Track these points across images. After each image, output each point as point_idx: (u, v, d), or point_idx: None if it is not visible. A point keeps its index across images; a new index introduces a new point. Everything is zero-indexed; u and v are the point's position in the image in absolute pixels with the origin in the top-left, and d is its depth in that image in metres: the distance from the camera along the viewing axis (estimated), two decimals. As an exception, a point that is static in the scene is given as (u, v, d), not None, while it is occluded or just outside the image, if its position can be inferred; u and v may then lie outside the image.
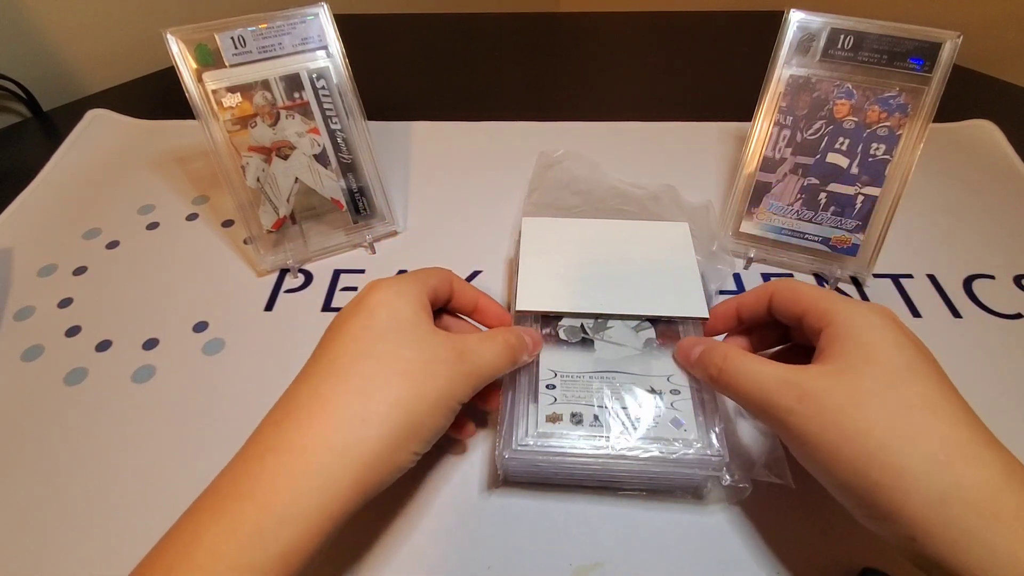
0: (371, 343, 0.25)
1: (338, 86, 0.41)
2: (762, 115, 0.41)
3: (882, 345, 0.23)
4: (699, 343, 0.30)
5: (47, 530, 0.30)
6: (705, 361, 0.28)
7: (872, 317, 0.25)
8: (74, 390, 0.36)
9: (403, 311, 0.27)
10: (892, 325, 0.24)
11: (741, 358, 0.26)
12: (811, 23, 0.39)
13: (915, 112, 0.38)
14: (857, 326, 0.24)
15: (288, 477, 0.21)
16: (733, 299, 0.31)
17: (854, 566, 0.28)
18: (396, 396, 0.24)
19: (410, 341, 0.26)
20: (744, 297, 0.31)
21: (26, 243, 0.46)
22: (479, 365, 0.27)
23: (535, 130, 0.56)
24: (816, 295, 0.27)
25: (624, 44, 0.75)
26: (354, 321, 0.26)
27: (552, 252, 0.37)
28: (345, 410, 0.23)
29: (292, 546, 0.21)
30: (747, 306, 0.31)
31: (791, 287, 0.28)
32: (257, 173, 0.40)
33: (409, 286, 0.28)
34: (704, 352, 0.29)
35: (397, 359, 0.25)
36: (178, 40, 0.37)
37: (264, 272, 0.43)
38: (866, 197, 0.40)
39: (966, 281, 0.41)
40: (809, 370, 0.24)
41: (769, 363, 0.26)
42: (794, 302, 0.28)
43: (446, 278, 0.31)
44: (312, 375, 0.25)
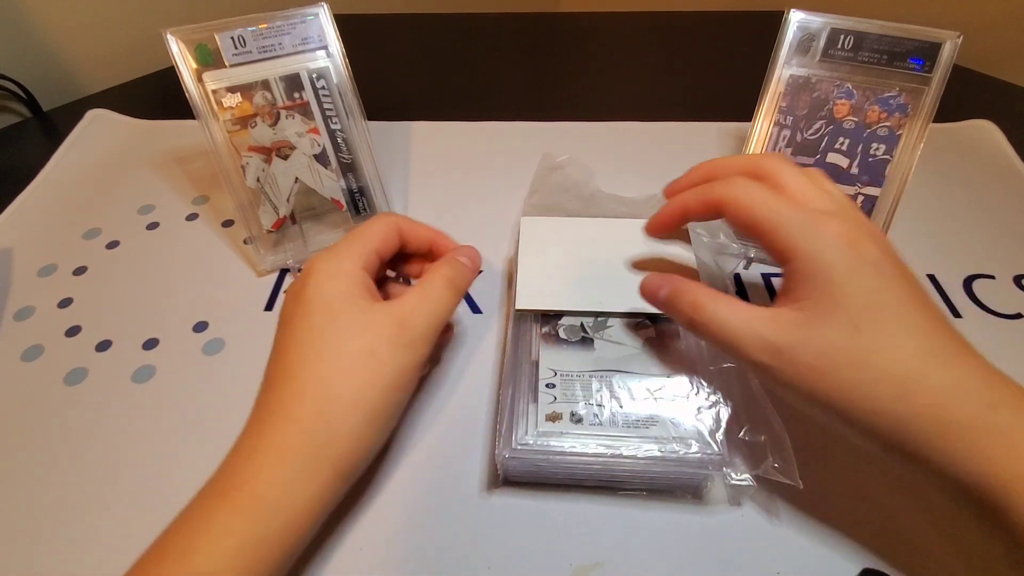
0: (314, 343, 0.26)
1: (338, 86, 0.41)
2: (762, 115, 0.41)
3: (842, 285, 0.24)
4: (664, 282, 0.28)
5: (47, 530, 0.30)
6: (675, 306, 0.28)
7: (829, 252, 0.24)
8: (74, 390, 0.36)
9: (337, 296, 0.27)
10: (846, 257, 0.24)
11: (712, 307, 0.26)
12: (811, 23, 0.39)
13: (915, 112, 0.38)
14: (819, 266, 0.24)
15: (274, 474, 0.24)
16: (679, 201, 0.29)
17: (854, 566, 0.28)
18: (352, 396, 0.25)
19: (350, 329, 0.26)
20: (688, 200, 0.28)
21: (26, 243, 0.46)
22: (425, 325, 0.28)
23: (535, 130, 0.56)
24: (772, 221, 0.25)
25: (624, 44, 0.75)
26: (296, 318, 0.27)
27: (551, 251, 0.37)
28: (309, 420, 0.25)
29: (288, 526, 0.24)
30: (694, 211, 0.28)
31: (744, 204, 0.26)
32: (257, 173, 0.40)
33: (341, 261, 0.28)
34: (671, 295, 0.28)
35: (342, 356, 0.26)
36: (178, 40, 0.37)
37: (264, 272, 0.43)
38: (866, 197, 0.40)
39: (966, 281, 0.41)
40: (779, 318, 0.25)
41: (740, 308, 0.26)
42: (750, 223, 0.26)
43: (391, 230, 0.30)
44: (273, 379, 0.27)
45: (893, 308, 0.24)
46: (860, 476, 0.31)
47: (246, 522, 0.23)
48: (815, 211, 0.25)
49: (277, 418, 0.25)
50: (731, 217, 0.27)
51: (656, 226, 0.30)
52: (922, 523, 0.29)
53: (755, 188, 0.26)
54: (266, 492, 0.24)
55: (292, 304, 0.28)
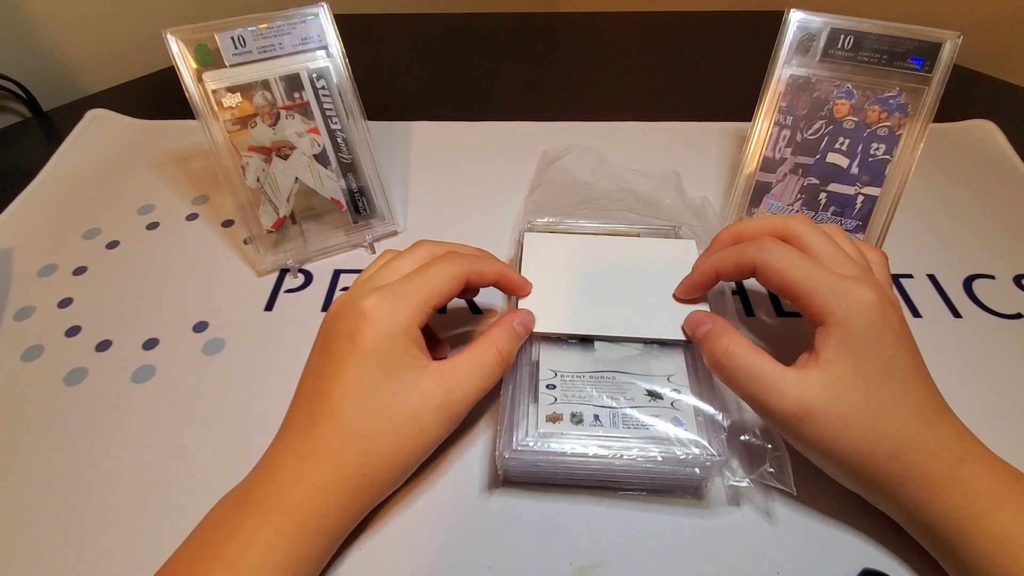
0: (367, 399, 0.27)
1: (338, 86, 0.41)
2: (762, 115, 0.41)
3: (867, 351, 0.26)
4: (706, 321, 0.30)
5: (47, 530, 0.30)
6: (708, 347, 0.29)
7: (860, 319, 0.26)
8: (74, 390, 0.36)
9: (394, 353, 0.28)
10: (875, 324, 0.26)
11: (743, 356, 0.27)
12: (811, 23, 0.39)
13: (915, 112, 0.38)
14: (848, 331, 0.26)
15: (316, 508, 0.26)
16: (710, 264, 0.31)
17: (854, 566, 0.28)
18: (392, 456, 0.27)
19: (400, 395, 0.27)
20: (721, 263, 0.31)
21: (26, 243, 0.46)
22: (470, 400, 0.29)
23: (535, 130, 0.56)
24: (808, 285, 0.27)
25: (624, 44, 0.75)
26: (350, 363, 0.27)
27: (554, 269, 0.35)
28: (352, 468, 0.27)
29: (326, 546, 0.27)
30: (727, 273, 0.31)
31: (777, 269, 0.28)
32: (257, 173, 0.40)
33: (401, 314, 0.28)
34: (708, 336, 0.29)
35: (391, 419, 0.27)
36: (178, 40, 0.37)
37: (264, 272, 0.43)
38: (866, 197, 0.40)
39: (966, 281, 0.41)
40: (809, 380, 0.26)
41: (769, 363, 0.27)
42: (784, 288, 0.28)
43: (457, 283, 0.30)
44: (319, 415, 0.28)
45: (901, 375, 0.26)
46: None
47: (290, 542, 0.25)
48: (846, 277, 0.27)
49: (323, 459, 0.27)
50: (765, 280, 0.29)
51: (689, 289, 0.33)
52: (922, 523, 0.29)
53: (787, 252, 0.28)
54: (308, 520, 0.26)
55: (345, 343, 0.28)
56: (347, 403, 0.27)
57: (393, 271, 0.30)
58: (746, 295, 0.41)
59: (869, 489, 0.28)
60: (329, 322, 0.30)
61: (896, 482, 0.26)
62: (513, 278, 0.33)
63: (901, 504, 0.27)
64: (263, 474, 0.27)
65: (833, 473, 0.28)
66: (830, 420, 0.26)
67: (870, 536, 0.29)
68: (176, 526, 0.30)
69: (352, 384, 0.27)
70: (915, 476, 0.26)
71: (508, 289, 0.34)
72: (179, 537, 0.26)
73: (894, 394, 0.26)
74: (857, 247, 0.30)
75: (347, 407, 0.27)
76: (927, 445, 0.26)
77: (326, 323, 0.30)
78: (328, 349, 0.29)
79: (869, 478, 0.27)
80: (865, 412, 0.26)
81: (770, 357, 0.27)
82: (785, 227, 0.30)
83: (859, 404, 0.26)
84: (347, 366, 0.27)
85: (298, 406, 0.29)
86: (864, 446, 0.26)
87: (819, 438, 0.26)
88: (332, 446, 0.27)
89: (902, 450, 0.26)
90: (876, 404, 0.26)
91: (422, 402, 0.28)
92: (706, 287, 0.32)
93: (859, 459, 0.26)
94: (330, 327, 0.29)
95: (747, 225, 0.32)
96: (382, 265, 0.32)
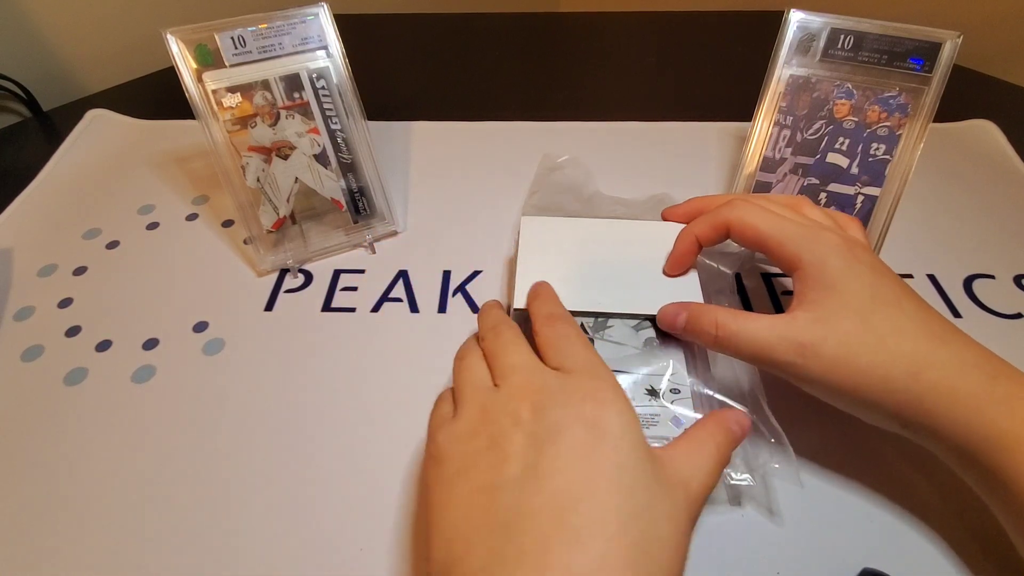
0: (637, 495, 0.21)
1: (338, 86, 0.41)
2: (762, 115, 0.41)
3: (846, 284, 0.27)
4: (680, 310, 0.31)
5: (47, 530, 0.30)
6: (696, 329, 0.30)
7: (831, 258, 0.28)
8: (74, 390, 0.36)
9: (644, 448, 0.22)
10: (846, 259, 0.28)
11: (733, 322, 0.28)
12: (811, 23, 0.39)
13: (915, 112, 0.38)
14: (823, 270, 0.27)
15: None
16: (689, 232, 0.33)
17: (854, 566, 0.28)
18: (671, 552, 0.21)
19: (654, 507, 0.21)
20: (699, 228, 0.32)
21: (26, 243, 0.46)
22: (702, 493, 0.24)
23: (535, 130, 0.56)
24: (778, 235, 0.29)
25: (624, 44, 0.75)
26: (600, 457, 0.21)
27: (551, 251, 0.36)
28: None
29: None
30: (705, 237, 0.32)
31: (749, 224, 0.30)
32: (257, 173, 0.40)
33: (628, 403, 0.23)
34: (691, 319, 0.30)
35: (644, 538, 0.20)
36: (178, 40, 0.37)
37: (264, 272, 0.43)
38: (866, 197, 0.40)
39: (966, 281, 0.41)
40: (798, 320, 0.27)
41: (759, 319, 0.28)
42: (757, 240, 0.30)
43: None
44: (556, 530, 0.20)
45: (892, 300, 0.27)
46: (860, 476, 0.31)
47: None
48: (812, 224, 0.29)
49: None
50: (738, 235, 0.31)
51: (675, 263, 0.34)
52: (922, 523, 0.29)
53: (757, 208, 0.30)
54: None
55: (584, 436, 0.22)
56: (616, 509, 0.20)
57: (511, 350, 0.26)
58: (746, 294, 0.41)
59: (902, 420, 0.26)
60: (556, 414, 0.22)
61: (927, 405, 0.25)
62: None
63: (941, 434, 0.25)
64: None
65: (858, 409, 0.28)
66: (830, 349, 0.26)
67: (870, 536, 0.29)
68: (176, 526, 0.30)
69: (616, 483, 0.21)
70: (945, 395, 0.25)
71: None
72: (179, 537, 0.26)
73: (891, 317, 0.26)
74: (828, 214, 0.31)
75: (616, 514, 0.20)
76: (949, 362, 0.25)
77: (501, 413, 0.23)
78: (558, 439, 0.22)
79: (896, 404, 0.26)
80: (868, 335, 0.26)
81: (756, 314, 0.28)
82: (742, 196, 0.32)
83: (856, 330, 0.26)
84: (598, 459, 0.21)
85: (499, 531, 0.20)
86: (877, 368, 0.26)
87: (826, 370, 0.26)
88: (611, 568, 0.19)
89: (922, 367, 0.25)
90: (876, 328, 0.26)
91: (673, 518, 0.22)
92: (691, 256, 0.34)
93: (875, 383, 0.26)
94: (559, 417, 0.22)
95: (710, 198, 0.34)
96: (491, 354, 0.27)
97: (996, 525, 0.27)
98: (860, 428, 0.32)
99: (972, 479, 0.27)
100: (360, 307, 0.40)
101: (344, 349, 0.38)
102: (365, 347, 0.38)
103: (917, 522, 0.29)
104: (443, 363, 0.37)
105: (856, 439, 0.32)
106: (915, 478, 0.31)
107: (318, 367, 0.37)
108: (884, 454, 0.32)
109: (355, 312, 0.40)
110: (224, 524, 0.30)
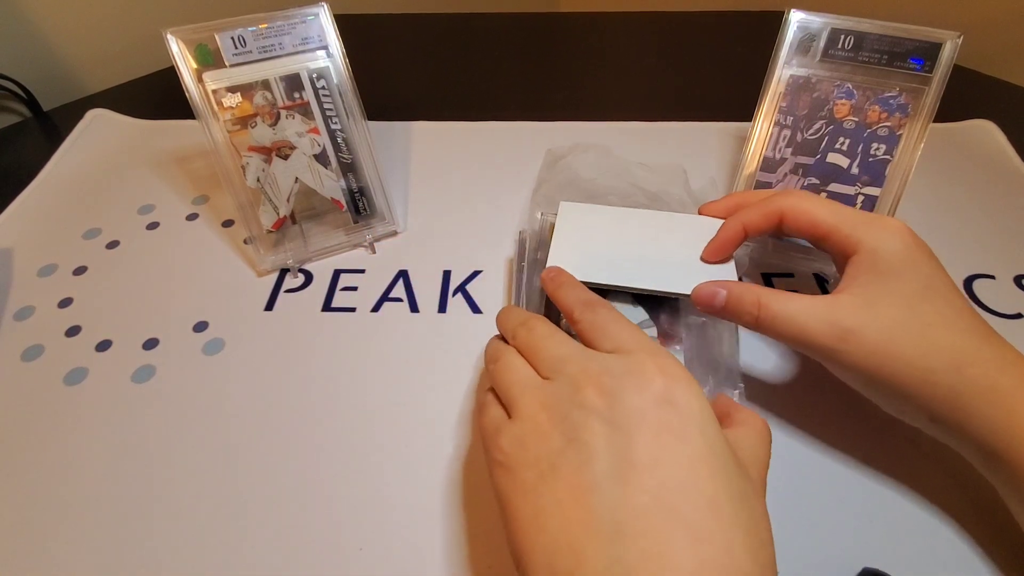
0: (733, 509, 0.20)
1: (338, 86, 0.41)
2: (762, 115, 0.41)
3: (902, 271, 0.27)
4: (720, 288, 0.29)
5: (47, 530, 0.30)
6: (737, 309, 0.29)
7: (892, 242, 0.27)
8: (74, 390, 0.36)
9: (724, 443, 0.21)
10: (909, 246, 0.27)
11: (776, 302, 0.27)
12: (811, 23, 0.39)
13: (915, 112, 0.38)
14: (880, 255, 0.27)
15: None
16: (737, 220, 0.32)
17: (854, 566, 0.28)
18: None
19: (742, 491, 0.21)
20: (749, 217, 0.31)
21: (26, 243, 0.46)
22: (764, 472, 0.24)
23: (535, 130, 0.56)
24: (835, 219, 0.28)
25: (624, 44, 0.75)
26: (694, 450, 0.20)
27: (586, 236, 0.36)
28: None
29: None
30: (755, 226, 0.31)
31: (804, 210, 0.29)
32: (257, 173, 0.40)
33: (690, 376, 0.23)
34: (732, 298, 0.29)
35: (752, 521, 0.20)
36: (178, 40, 0.37)
37: (264, 272, 0.43)
38: (866, 197, 0.40)
39: (966, 281, 0.41)
40: (842, 303, 0.27)
41: (802, 299, 0.27)
42: (812, 226, 0.29)
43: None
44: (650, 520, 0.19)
45: (943, 291, 0.27)
46: (860, 476, 0.31)
47: None
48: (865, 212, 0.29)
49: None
50: (793, 224, 0.30)
51: (717, 249, 0.32)
52: (922, 523, 0.29)
53: (811, 196, 0.30)
54: None
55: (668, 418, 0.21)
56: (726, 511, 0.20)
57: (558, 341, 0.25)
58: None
59: (933, 413, 0.26)
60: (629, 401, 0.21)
61: (963, 401, 0.25)
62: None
63: (970, 430, 0.25)
64: None
65: (892, 400, 0.27)
66: (871, 336, 0.26)
67: (870, 536, 0.29)
68: (176, 526, 0.30)
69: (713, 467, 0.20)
70: (984, 392, 0.24)
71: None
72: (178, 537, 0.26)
73: (942, 310, 0.26)
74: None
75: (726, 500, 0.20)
76: (993, 359, 0.25)
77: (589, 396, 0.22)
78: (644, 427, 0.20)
79: (932, 397, 0.25)
80: (913, 325, 0.25)
81: (799, 294, 0.28)
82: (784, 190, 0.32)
83: (902, 319, 0.26)
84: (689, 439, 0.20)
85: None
86: (918, 360, 0.25)
87: (865, 356, 0.26)
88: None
89: (965, 363, 0.25)
90: (923, 319, 0.26)
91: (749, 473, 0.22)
92: (733, 245, 0.32)
93: (915, 374, 0.25)
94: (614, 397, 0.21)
95: (750, 194, 0.34)
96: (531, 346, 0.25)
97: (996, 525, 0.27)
98: (861, 428, 0.32)
99: (998, 479, 0.26)
100: (360, 307, 0.40)
101: (344, 349, 0.38)
102: (365, 347, 0.38)
103: (917, 522, 0.29)
104: (443, 363, 0.37)
105: (857, 439, 0.32)
106: (916, 478, 0.31)
107: (318, 367, 0.37)
108: (885, 454, 0.32)
109: (355, 312, 0.40)
110: (224, 524, 0.30)
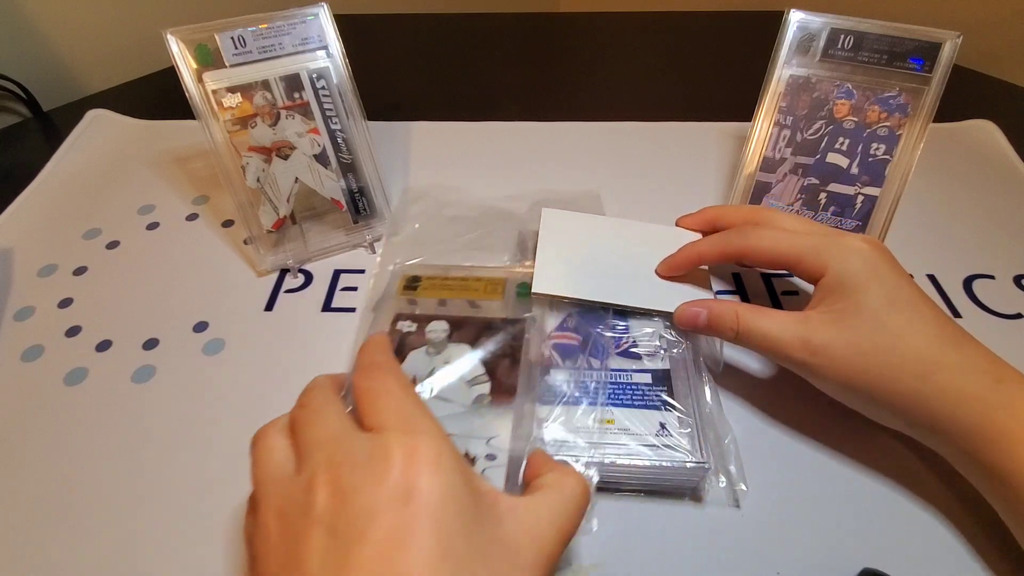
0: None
1: (338, 86, 0.41)
2: (762, 115, 0.41)
3: (868, 286, 0.28)
4: (701, 307, 0.32)
5: (47, 530, 0.30)
6: (718, 326, 0.31)
7: (854, 261, 0.28)
8: (74, 390, 0.36)
9: (468, 500, 0.19)
10: (873, 261, 0.28)
11: (753, 319, 0.30)
12: (811, 23, 0.39)
13: (915, 112, 0.38)
14: (846, 275, 0.28)
15: None
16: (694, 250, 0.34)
17: (854, 566, 0.28)
18: None
19: (488, 551, 0.19)
20: (705, 251, 0.33)
21: (26, 243, 0.46)
22: (549, 550, 0.21)
23: (535, 130, 0.56)
24: (796, 251, 0.30)
25: (624, 44, 0.75)
26: (414, 533, 0.18)
27: (570, 243, 0.37)
28: None
29: None
30: (710, 258, 0.34)
31: (765, 248, 0.30)
32: (257, 173, 0.40)
33: (448, 444, 0.20)
34: (713, 316, 0.31)
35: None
36: (178, 40, 0.37)
37: (264, 272, 0.43)
38: (866, 197, 0.40)
39: (966, 281, 0.41)
40: (812, 320, 0.28)
41: (776, 316, 0.29)
42: (774, 262, 0.31)
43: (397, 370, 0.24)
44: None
45: (911, 300, 0.28)
46: (860, 476, 0.31)
47: None
48: (829, 232, 0.30)
49: None
50: (755, 260, 0.31)
51: (669, 267, 0.35)
52: (922, 523, 0.29)
53: (767, 232, 0.31)
54: None
55: (396, 512, 0.18)
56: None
57: (331, 423, 0.21)
58: (746, 293, 0.41)
59: (907, 420, 0.27)
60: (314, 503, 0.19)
61: (933, 406, 0.26)
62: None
63: (943, 435, 0.27)
64: None
65: (867, 408, 0.29)
66: (839, 351, 0.27)
67: (870, 536, 0.29)
68: (176, 526, 0.30)
69: (438, 564, 0.17)
70: (950, 398, 0.26)
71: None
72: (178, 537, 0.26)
73: (910, 320, 0.27)
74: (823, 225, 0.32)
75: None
76: (959, 365, 0.26)
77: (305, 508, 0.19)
78: (354, 538, 0.18)
79: (903, 404, 0.27)
80: (880, 338, 0.27)
81: (774, 310, 0.30)
82: (755, 212, 0.33)
83: (868, 332, 0.27)
84: (418, 544, 0.18)
85: None
86: (886, 371, 0.26)
87: (835, 370, 0.27)
88: None
89: (931, 371, 0.26)
90: (890, 330, 0.27)
91: (513, 559, 0.19)
92: (685, 269, 0.35)
93: (884, 384, 0.27)
94: (337, 507, 0.18)
95: (723, 210, 0.36)
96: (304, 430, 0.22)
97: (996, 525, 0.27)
98: (860, 428, 0.32)
99: (974, 477, 0.27)
100: (360, 307, 0.40)
101: (344, 349, 0.38)
102: (365, 347, 0.38)
103: (917, 522, 0.29)
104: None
105: (856, 439, 0.32)
106: (915, 478, 0.31)
107: (318, 367, 0.37)
108: (884, 454, 0.32)
109: (355, 312, 0.40)
110: (224, 524, 0.30)
